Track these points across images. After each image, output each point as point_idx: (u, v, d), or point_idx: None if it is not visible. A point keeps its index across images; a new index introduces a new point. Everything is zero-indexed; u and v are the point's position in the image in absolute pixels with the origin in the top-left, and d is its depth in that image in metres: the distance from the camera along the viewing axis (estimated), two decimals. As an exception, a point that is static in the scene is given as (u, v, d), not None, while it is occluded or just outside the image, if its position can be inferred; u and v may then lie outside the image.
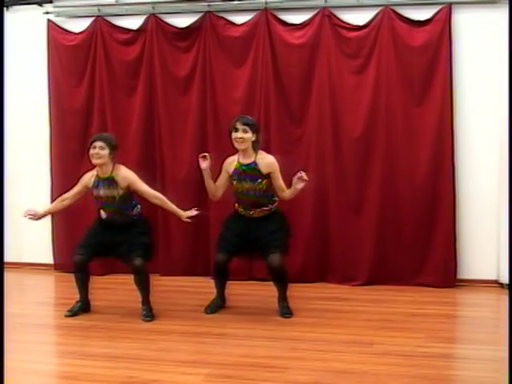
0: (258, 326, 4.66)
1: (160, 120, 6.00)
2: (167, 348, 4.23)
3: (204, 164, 4.80)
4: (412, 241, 5.65)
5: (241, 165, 4.80)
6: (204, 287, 5.13)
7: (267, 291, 5.25)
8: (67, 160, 6.22)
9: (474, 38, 5.53)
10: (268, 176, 4.77)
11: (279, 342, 4.31)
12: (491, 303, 5.37)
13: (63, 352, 4.39)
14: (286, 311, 4.86)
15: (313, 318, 4.80)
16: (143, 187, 4.80)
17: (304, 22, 5.73)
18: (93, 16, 6.07)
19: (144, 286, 4.89)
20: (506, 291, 5.42)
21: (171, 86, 5.97)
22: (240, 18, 5.85)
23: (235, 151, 4.88)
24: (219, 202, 5.64)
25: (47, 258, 6.42)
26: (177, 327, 4.65)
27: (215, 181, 4.93)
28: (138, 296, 5.44)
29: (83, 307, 5.02)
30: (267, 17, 5.74)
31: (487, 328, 4.70)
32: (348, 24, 5.67)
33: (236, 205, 4.95)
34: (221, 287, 5.06)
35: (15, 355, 4.00)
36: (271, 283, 4.97)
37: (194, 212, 4.78)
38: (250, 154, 4.78)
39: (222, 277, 5.03)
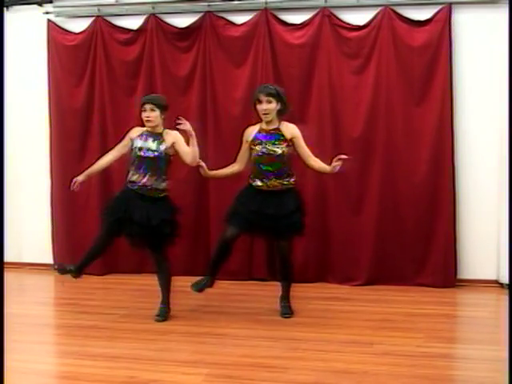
0: (258, 326, 4.66)
1: (160, 120, 6.00)
2: (167, 348, 4.23)
3: (201, 171, 4.85)
4: (412, 241, 5.65)
5: (264, 130, 4.74)
6: (204, 287, 5.12)
7: (267, 291, 5.25)
8: (67, 160, 6.22)
9: (474, 37, 5.53)
10: (291, 143, 4.69)
11: (279, 341, 4.31)
12: (491, 303, 5.37)
13: (63, 352, 4.38)
14: (286, 311, 4.84)
15: (313, 318, 4.80)
16: (185, 147, 4.65)
17: (304, 22, 5.73)
18: (93, 16, 6.06)
19: (160, 281, 4.86)
20: (506, 291, 5.42)
21: (171, 86, 5.97)
22: (240, 18, 5.85)
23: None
24: (220, 204, 5.65)
25: (47, 258, 6.41)
26: (177, 327, 4.65)
27: (237, 155, 4.89)
28: (137, 296, 5.46)
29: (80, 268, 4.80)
30: (267, 17, 5.74)
31: (487, 328, 4.69)
32: (348, 24, 5.67)
33: (253, 178, 4.78)
34: (218, 266, 4.81)
35: (15, 355, 4.00)
36: (271, 283, 4.96)
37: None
38: (274, 122, 4.73)
39: (225, 253, 4.78)
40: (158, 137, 4.70)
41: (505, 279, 5.48)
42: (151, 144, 4.68)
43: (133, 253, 6.16)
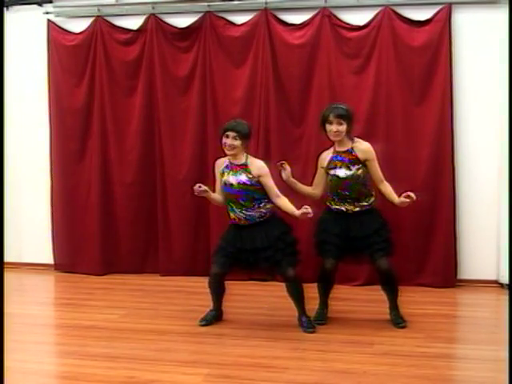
0: (257, 326, 4.65)
1: (160, 120, 6.00)
2: (167, 348, 4.23)
3: (283, 174, 4.67)
4: (412, 241, 5.64)
5: (337, 152, 4.62)
6: (204, 287, 5.09)
7: (267, 291, 5.25)
8: (67, 160, 6.22)
9: (474, 37, 5.52)
10: (365, 164, 4.57)
11: (279, 341, 4.31)
12: (491, 303, 5.37)
13: (63, 352, 4.38)
14: (399, 320, 4.64)
15: (313, 318, 4.79)
16: (271, 183, 4.52)
17: (304, 22, 5.73)
18: (93, 16, 6.06)
19: (298, 296, 4.59)
20: (506, 291, 5.42)
21: (171, 86, 5.97)
22: (240, 18, 5.85)
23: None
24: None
25: (47, 257, 6.41)
26: (177, 327, 4.64)
27: (312, 180, 4.79)
28: (137, 296, 5.45)
29: (217, 316, 4.75)
30: (267, 17, 5.74)
31: (487, 328, 4.69)
32: (348, 24, 5.67)
33: (330, 202, 4.67)
34: (326, 294, 4.79)
35: (15, 355, 4.00)
36: (271, 283, 4.95)
37: (308, 210, 4.34)
38: (346, 142, 4.57)
39: (328, 283, 4.75)
40: (242, 167, 4.55)
41: (505, 279, 5.48)
42: (237, 177, 4.56)
43: (133, 253, 6.19)
